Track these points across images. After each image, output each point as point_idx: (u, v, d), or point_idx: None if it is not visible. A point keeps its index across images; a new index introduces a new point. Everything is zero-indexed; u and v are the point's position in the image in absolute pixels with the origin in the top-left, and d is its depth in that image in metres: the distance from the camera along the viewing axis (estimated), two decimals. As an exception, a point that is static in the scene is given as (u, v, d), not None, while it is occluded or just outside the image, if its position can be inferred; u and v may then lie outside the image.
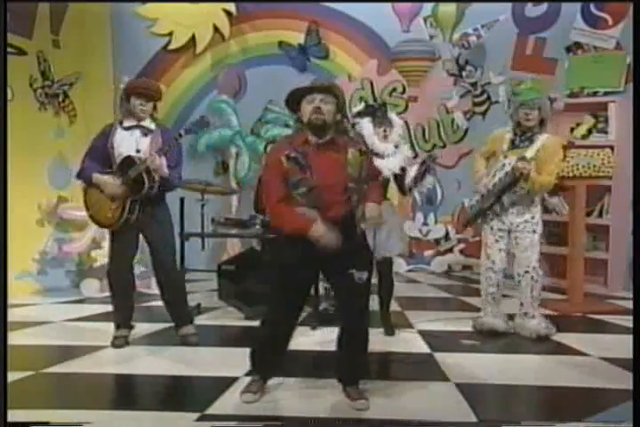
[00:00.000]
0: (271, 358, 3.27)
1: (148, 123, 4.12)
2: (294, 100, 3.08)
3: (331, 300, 5.01)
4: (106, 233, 6.08)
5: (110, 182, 4.01)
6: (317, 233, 2.94)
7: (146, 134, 4.08)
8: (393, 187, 4.42)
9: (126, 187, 3.98)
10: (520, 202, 4.34)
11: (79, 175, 4.21)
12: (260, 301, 4.61)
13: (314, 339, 4.34)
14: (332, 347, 3.26)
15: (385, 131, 4.39)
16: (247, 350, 3.32)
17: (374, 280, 4.66)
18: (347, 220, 3.04)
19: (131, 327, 4.31)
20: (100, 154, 4.08)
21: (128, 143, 4.04)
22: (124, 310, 4.28)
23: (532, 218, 4.36)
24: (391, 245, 4.37)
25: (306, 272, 3.14)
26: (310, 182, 2.97)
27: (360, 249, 3.12)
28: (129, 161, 3.99)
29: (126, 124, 4.11)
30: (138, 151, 4.03)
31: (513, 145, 4.35)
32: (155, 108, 4.16)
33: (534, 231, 4.36)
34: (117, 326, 4.28)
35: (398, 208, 4.54)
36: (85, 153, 4.17)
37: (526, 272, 4.37)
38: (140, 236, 4.22)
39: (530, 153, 4.23)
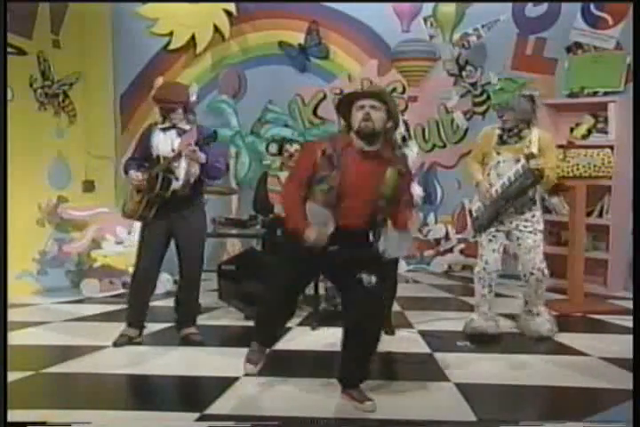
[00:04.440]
0: (269, 330, 3.40)
1: (183, 124, 4.23)
2: (345, 105, 3.09)
3: (331, 300, 5.02)
4: (105, 233, 6.18)
5: (136, 175, 4.15)
6: (309, 238, 2.97)
7: (180, 135, 4.20)
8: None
9: (146, 183, 4.13)
10: (520, 201, 4.28)
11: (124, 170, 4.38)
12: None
13: (314, 339, 4.35)
14: (332, 347, 3.26)
15: None
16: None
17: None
18: (362, 233, 3.12)
19: (142, 328, 4.32)
20: (142, 154, 4.28)
21: (164, 144, 4.19)
22: (139, 309, 4.29)
23: (533, 217, 4.31)
24: (401, 245, 4.36)
25: (308, 267, 3.17)
26: (333, 182, 2.97)
27: (370, 257, 3.16)
28: (158, 160, 4.18)
29: (162, 125, 4.25)
30: (173, 151, 4.16)
31: (501, 140, 4.30)
32: (186, 111, 4.26)
33: (536, 231, 4.30)
34: (128, 325, 4.28)
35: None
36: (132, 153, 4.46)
37: (531, 274, 4.35)
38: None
39: (534, 149, 4.14)
